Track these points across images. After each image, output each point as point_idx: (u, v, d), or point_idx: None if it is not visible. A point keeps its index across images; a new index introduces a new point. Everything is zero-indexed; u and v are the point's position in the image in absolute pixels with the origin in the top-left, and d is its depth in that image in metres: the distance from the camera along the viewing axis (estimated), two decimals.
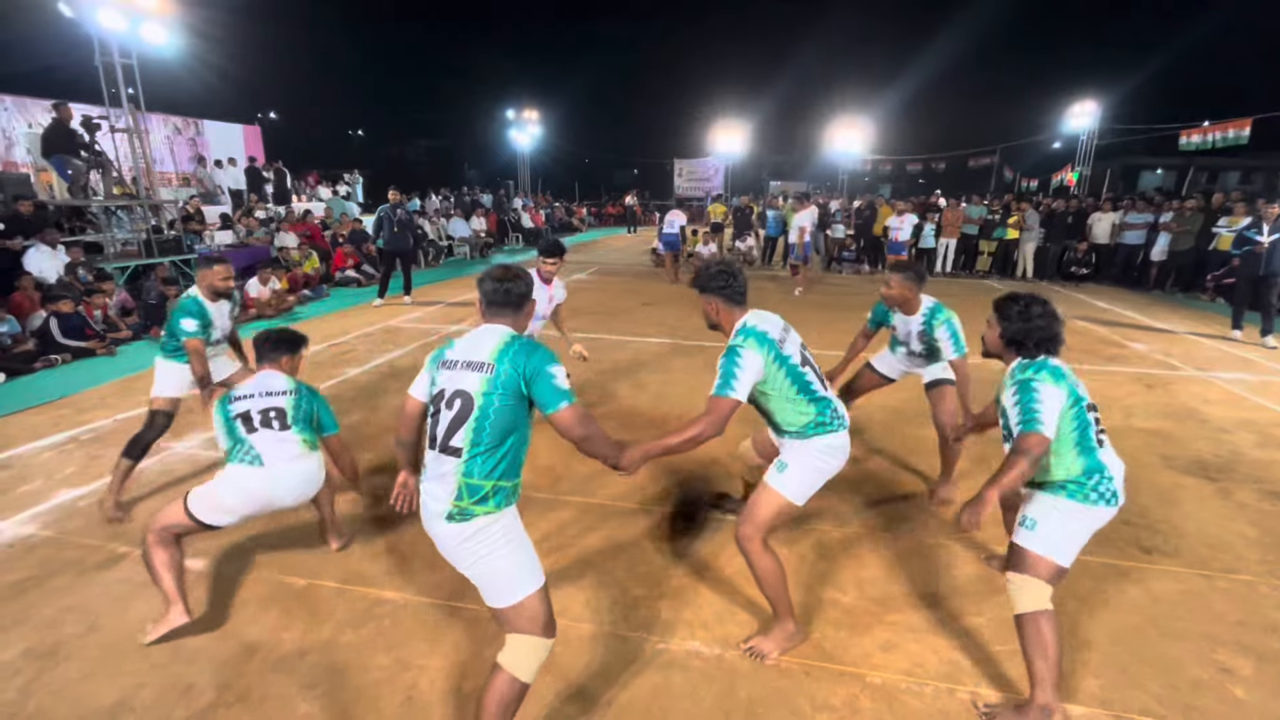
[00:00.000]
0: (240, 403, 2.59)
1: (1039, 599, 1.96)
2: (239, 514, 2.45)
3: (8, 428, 4.40)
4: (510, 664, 1.73)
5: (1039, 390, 1.99)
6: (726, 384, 2.07)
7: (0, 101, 11.25)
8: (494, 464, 1.74)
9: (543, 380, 1.74)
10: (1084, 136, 17.98)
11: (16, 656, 2.26)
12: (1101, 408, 4.81)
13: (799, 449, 2.26)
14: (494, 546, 1.74)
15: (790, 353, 2.19)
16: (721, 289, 2.24)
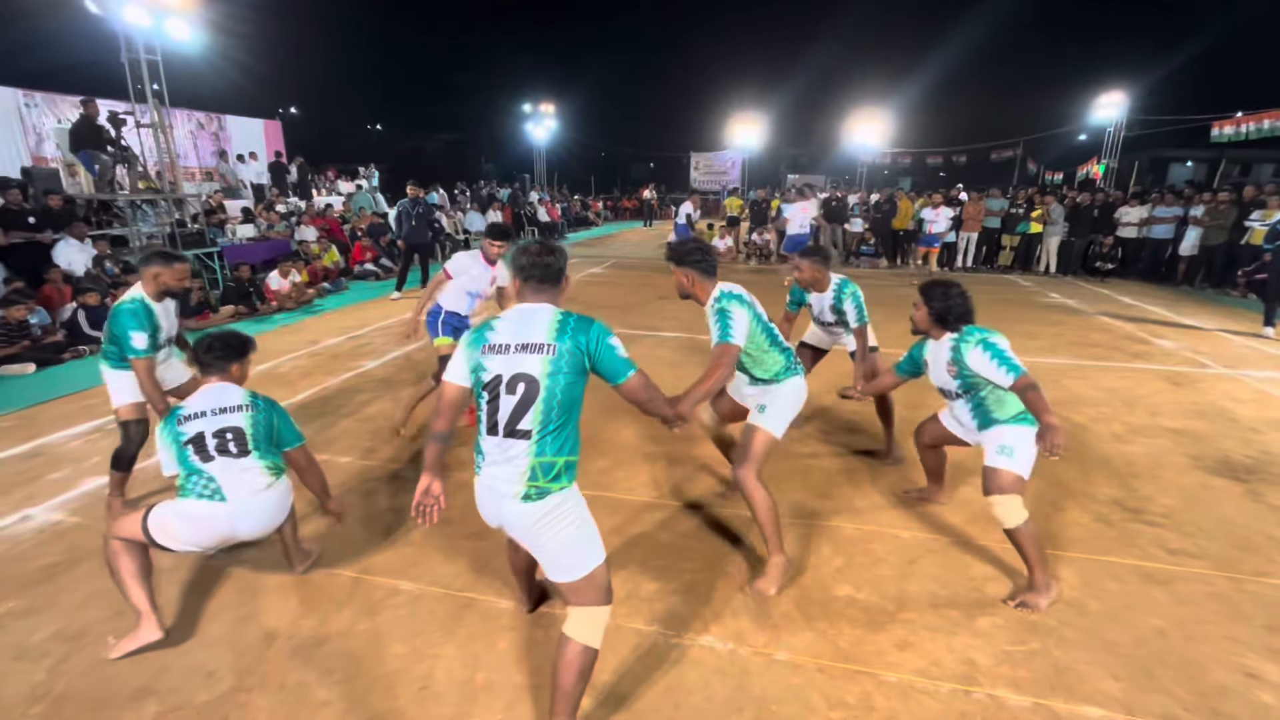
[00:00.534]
0: (191, 423, 2.32)
1: (1020, 512, 2.48)
2: (195, 546, 2.29)
3: (39, 416, 4.51)
4: (581, 635, 1.80)
5: (999, 343, 2.50)
6: (727, 332, 2.45)
7: (30, 98, 11.50)
8: (563, 440, 1.80)
9: (607, 352, 1.82)
10: (1111, 128, 17.57)
11: (46, 639, 2.32)
12: (1126, 405, 4.73)
13: (774, 393, 2.68)
14: (568, 521, 1.81)
15: (761, 312, 2.62)
16: (697, 262, 2.58)
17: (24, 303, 5.99)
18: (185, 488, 2.27)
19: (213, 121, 15.25)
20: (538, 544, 1.82)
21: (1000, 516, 2.49)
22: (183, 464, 2.30)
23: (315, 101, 35.24)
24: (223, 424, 2.33)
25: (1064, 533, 3.05)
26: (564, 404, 1.78)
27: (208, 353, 2.47)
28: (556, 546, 1.80)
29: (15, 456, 3.87)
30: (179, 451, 2.30)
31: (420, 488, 1.91)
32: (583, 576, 1.81)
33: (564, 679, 1.78)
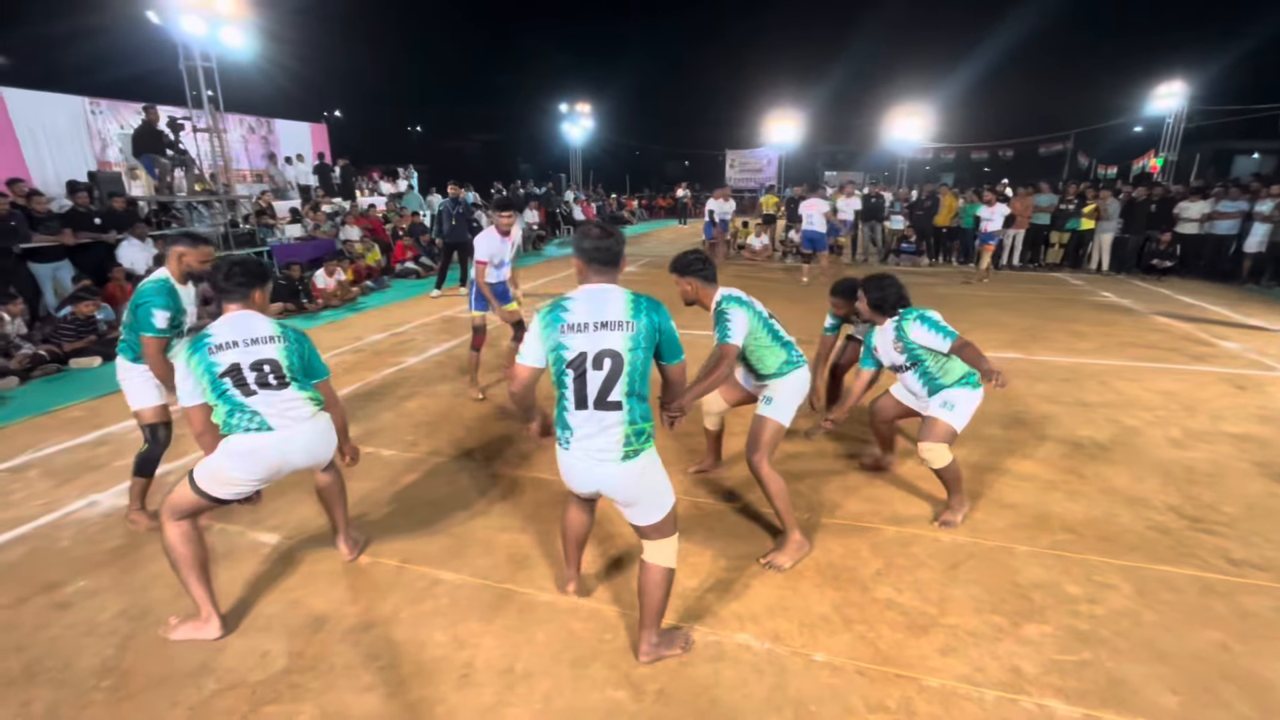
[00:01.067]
0: (224, 353, 2.23)
1: (947, 456, 2.95)
2: (250, 483, 2.30)
3: (105, 407, 4.76)
4: (662, 559, 2.11)
5: (934, 316, 2.94)
6: (726, 333, 2.65)
7: (96, 105, 12.10)
8: (644, 406, 2.01)
9: (671, 335, 2.04)
10: (1170, 119, 16.77)
11: (113, 617, 2.45)
12: (1186, 409, 4.53)
13: (779, 385, 2.81)
14: (657, 471, 2.09)
15: (761, 310, 2.81)
16: (699, 271, 2.82)
17: (91, 299, 6.32)
18: (229, 424, 2.24)
19: (263, 125, 15.78)
20: (637, 496, 2.06)
21: (930, 459, 2.95)
22: (223, 400, 2.24)
23: (358, 104, 36.23)
24: (258, 355, 2.27)
25: (1118, 539, 2.94)
26: (642, 375, 1.99)
27: (228, 279, 2.34)
28: (650, 494, 2.07)
29: (84, 444, 4.09)
30: (214, 383, 2.22)
31: (532, 430, 2.26)
32: (664, 516, 2.09)
33: (651, 597, 2.12)
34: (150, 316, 2.77)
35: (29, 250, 6.85)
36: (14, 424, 4.45)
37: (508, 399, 4.82)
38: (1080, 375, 5.34)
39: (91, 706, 2.05)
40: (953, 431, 2.95)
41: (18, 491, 3.47)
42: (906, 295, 3.07)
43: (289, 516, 3.17)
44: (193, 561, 2.27)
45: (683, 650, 2.24)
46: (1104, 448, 3.93)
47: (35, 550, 2.91)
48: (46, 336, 6.04)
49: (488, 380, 5.25)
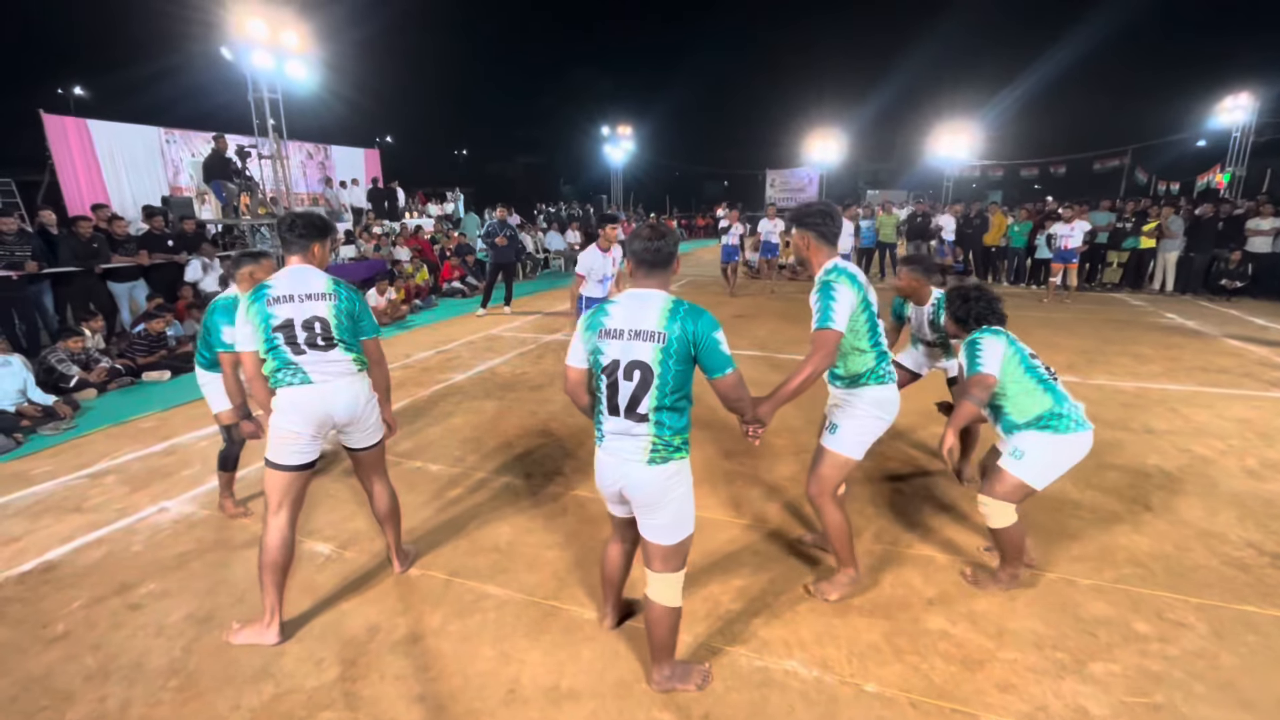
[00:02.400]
0: (280, 306, 2.35)
1: (1011, 516, 2.51)
2: (302, 436, 2.37)
3: (174, 419, 5.02)
4: (665, 599, 2.03)
5: (981, 343, 2.54)
6: (827, 317, 2.23)
7: (170, 135, 12.95)
8: (678, 419, 1.94)
9: (710, 345, 1.88)
10: (1237, 133, 16.01)
11: (181, 619, 2.57)
12: (1262, 438, 4.28)
13: (850, 403, 2.47)
14: (684, 487, 2.00)
15: (872, 299, 2.39)
16: (817, 225, 2.41)
17: (163, 316, 6.71)
18: (276, 378, 2.40)
19: (320, 151, 16.57)
20: (658, 505, 1.97)
21: (986, 515, 2.56)
22: (274, 355, 2.37)
23: (407, 129, 37.72)
24: (310, 313, 2.37)
25: (1191, 576, 2.77)
26: (677, 389, 1.90)
27: (290, 230, 2.45)
28: (672, 509, 1.97)
29: (154, 454, 4.32)
30: (268, 336, 2.35)
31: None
32: (679, 541, 2.01)
33: (657, 634, 2.08)
34: (219, 332, 2.99)
35: (108, 270, 7.33)
36: (93, 433, 4.73)
37: (558, 412, 4.89)
38: (1145, 400, 5.09)
39: (160, 705, 2.14)
40: (1022, 487, 2.48)
41: (96, 496, 3.68)
42: (997, 312, 2.69)
43: (342, 529, 3.27)
44: (276, 566, 2.38)
45: (698, 687, 2.16)
46: (1173, 478, 3.73)
47: (111, 553, 3.08)
48: (122, 351, 6.43)
49: (547, 396, 5.34)
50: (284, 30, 9.37)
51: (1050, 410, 2.47)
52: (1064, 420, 2.45)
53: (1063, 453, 2.48)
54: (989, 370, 2.47)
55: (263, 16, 9.00)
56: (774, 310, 9.64)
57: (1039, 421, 2.48)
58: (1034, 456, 2.46)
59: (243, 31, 8.88)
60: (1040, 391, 2.50)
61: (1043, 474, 2.49)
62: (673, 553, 2.01)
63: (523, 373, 6.19)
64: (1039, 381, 2.52)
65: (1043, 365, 2.58)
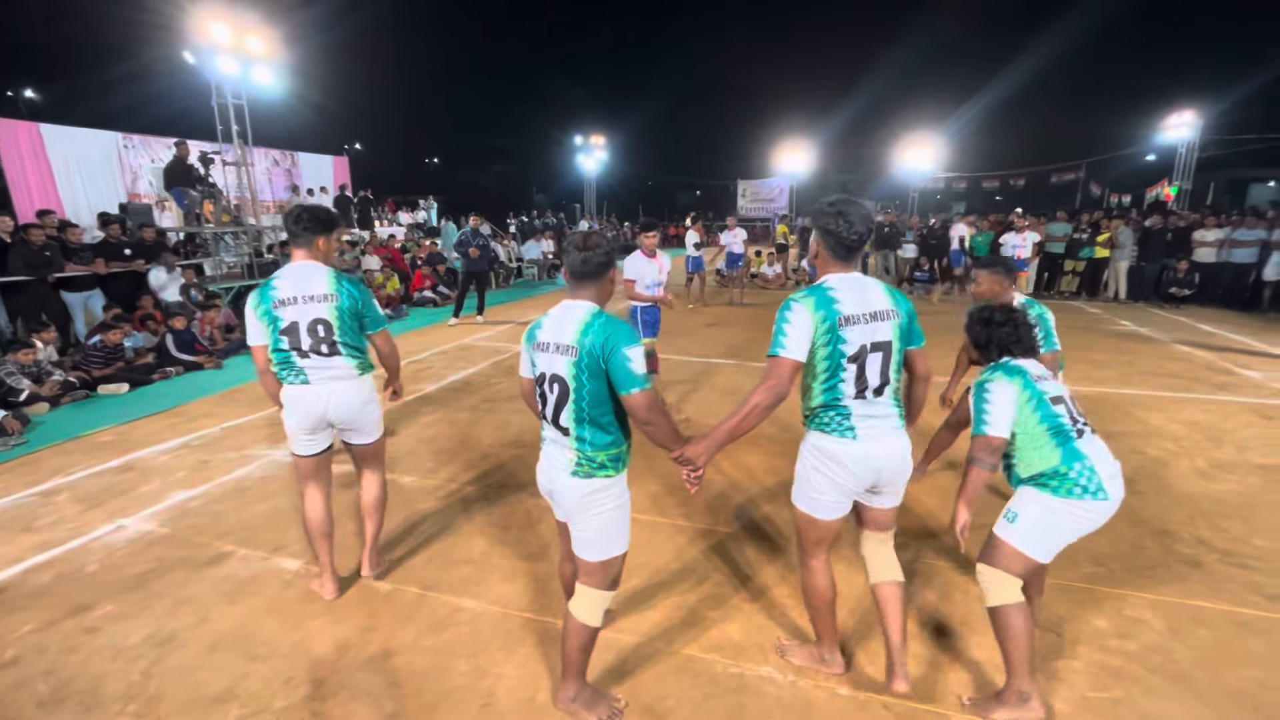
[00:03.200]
0: (285, 309, 2.45)
1: (1010, 593, 2.02)
2: (305, 430, 2.56)
3: (132, 433, 4.85)
4: (582, 615, 2.00)
5: (989, 391, 2.08)
6: (777, 342, 1.91)
7: (129, 140, 12.57)
8: (602, 436, 1.89)
9: (617, 361, 1.80)
10: (1183, 148, 16.80)
11: (140, 641, 2.48)
12: (1211, 440, 4.45)
13: (805, 447, 2.05)
14: (609, 506, 1.93)
15: (849, 336, 1.89)
16: (825, 230, 1.95)
17: (120, 327, 6.49)
18: (281, 375, 2.55)
19: (287, 158, 16.26)
20: (579, 519, 1.95)
21: (982, 586, 2.08)
22: (277, 353, 2.51)
23: (378, 137, 37.28)
24: (313, 315, 2.48)
25: (1147, 573, 2.88)
26: (595, 404, 1.85)
27: (296, 223, 2.53)
28: (593, 525, 1.94)
29: (111, 470, 4.17)
30: (275, 338, 2.49)
31: None
32: (604, 560, 1.98)
33: (569, 648, 2.03)
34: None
35: (62, 279, 7.07)
36: (44, 449, 4.55)
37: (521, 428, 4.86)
38: (1101, 405, 5.28)
39: None
40: (1019, 557, 2.01)
41: (47, 516, 3.53)
42: (1024, 340, 2.16)
43: None
44: (321, 533, 2.67)
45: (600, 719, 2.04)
46: (1129, 479, 3.81)
47: (63, 574, 2.95)
48: (76, 363, 6.19)
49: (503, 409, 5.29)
50: (249, 35, 9.21)
51: (1053, 469, 2.00)
52: (1065, 482, 1.97)
53: (1062, 519, 1.99)
54: (996, 433, 2.03)
55: (226, 21, 8.83)
56: (748, 318, 9.74)
57: (1039, 479, 2.03)
58: (1028, 520, 2.02)
59: (205, 36, 8.70)
60: (1050, 446, 2.01)
61: (1042, 542, 2.01)
62: (596, 569, 1.98)
63: (496, 383, 6.14)
64: (1053, 433, 2.02)
65: (1069, 413, 2.06)
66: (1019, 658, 2.01)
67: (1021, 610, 2.01)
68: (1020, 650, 2.00)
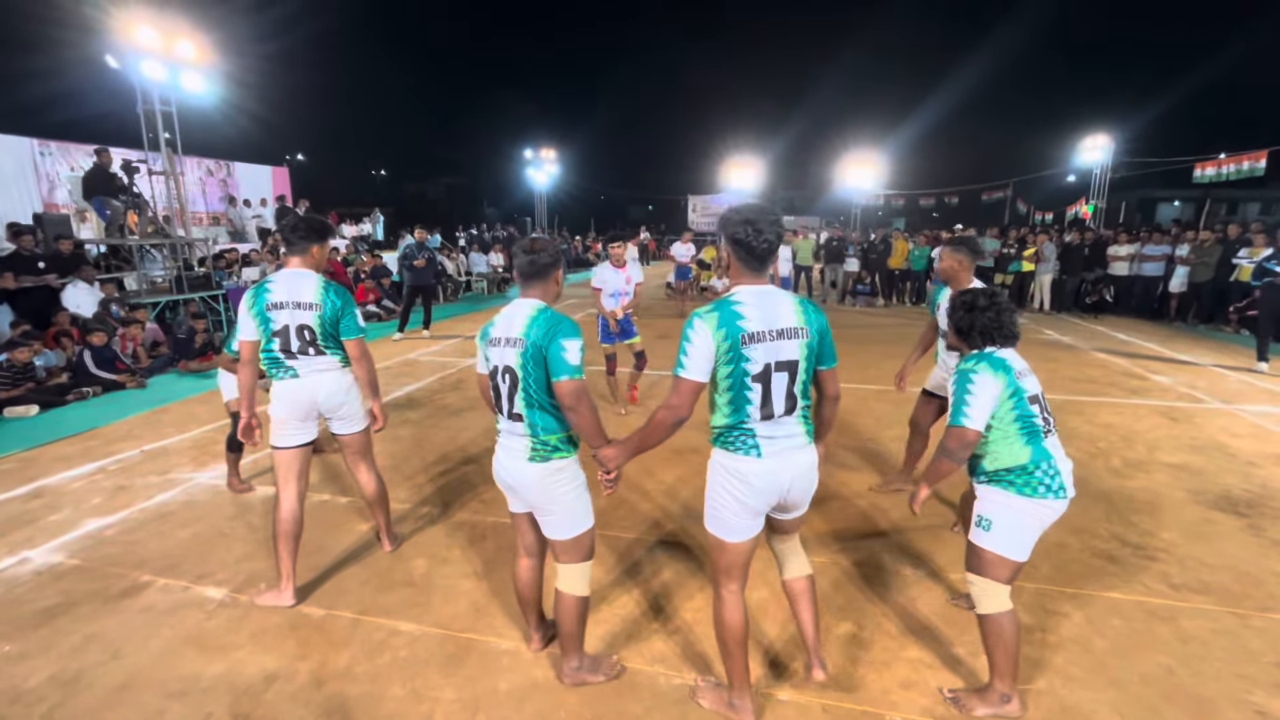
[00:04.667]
0: (277, 313, 2.67)
1: (1000, 601, 2.08)
2: (292, 420, 2.73)
3: (40, 458, 4.52)
4: (572, 589, 2.15)
5: (973, 383, 2.06)
6: (679, 362, 1.85)
7: (45, 146, 11.83)
8: (550, 420, 2.04)
9: (554, 349, 1.96)
10: (1098, 170, 18.03)
11: (42, 683, 2.29)
12: (1124, 440, 4.74)
13: (717, 464, 1.97)
14: (568, 485, 2.09)
15: (752, 355, 1.81)
16: (734, 240, 1.86)
17: (29, 345, 6.06)
18: (271, 372, 2.75)
19: (221, 168, 15.62)
20: (543, 501, 2.09)
21: (975, 599, 2.13)
22: (267, 353, 2.71)
23: (321, 148, 36.26)
24: (301, 321, 2.69)
25: (1067, 568, 3.04)
26: (540, 390, 2.01)
27: (293, 232, 2.76)
28: (558, 506, 2.09)
29: (15, 499, 3.86)
30: (267, 340, 2.69)
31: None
32: (577, 535, 2.13)
33: (565, 625, 2.17)
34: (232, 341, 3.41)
35: None
36: None
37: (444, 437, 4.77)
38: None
39: None
40: (1003, 562, 2.06)
41: None
42: (1006, 327, 2.15)
43: (237, 571, 3.04)
44: (289, 535, 2.70)
45: (608, 677, 2.27)
46: None
47: None
48: None
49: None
50: (179, 40, 8.83)
51: (1021, 466, 2.06)
52: (1031, 481, 2.04)
53: (1028, 517, 2.06)
54: (974, 425, 2.04)
55: (153, 25, 8.45)
56: None
57: (1005, 475, 2.08)
58: (1001, 525, 2.07)
59: (129, 39, 8.29)
60: (1021, 443, 2.06)
61: (1019, 542, 2.07)
62: (572, 545, 2.14)
63: (441, 397, 6.01)
64: (1025, 432, 2.06)
65: (1041, 412, 2.10)
66: (1005, 662, 2.08)
67: (1011, 617, 2.07)
68: (1007, 655, 2.07)
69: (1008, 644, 2.07)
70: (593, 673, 2.26)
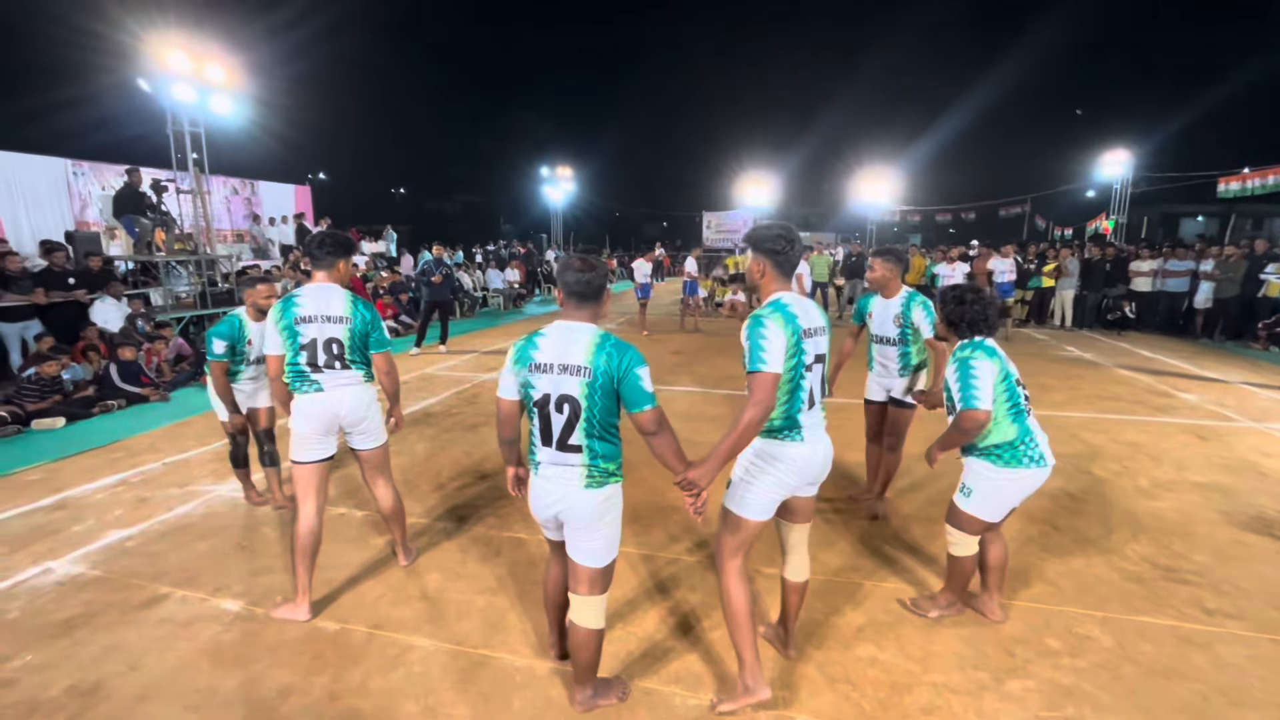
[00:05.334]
0: (306, 326, 2.70)
1: (969, 548, 2.59)
2: (313, 435, 2.74)
3: (65, 470, 4.60)
4: (592, 621, 2.08)
5: (975, 367, 2.39)
6: (757, 358, 1.96)
7: (79, 167, 12.20)
8: (609, 447, 1.99)
9: (632, 380, 1.91)
10: (1118, 185, 17.83)
11: (61, 693, 2.31)
12: (1152, 460, 4.64)
13: (752, 453, 2.12)
14: (615, 510, 2.05)
15: (808, 349, 2.05)
16: (774, 252, 2.08)
17: (57, 359, 6.20)
18: (295, 386, 2.76)
19: (246, 187, 15.98)
20: (593, 527, 2.01)
21: (949, 542, 2.65)
22: (293, 366, 2.73)
23: (343, 167, 37.04)
24: (329, 334, 2.73)
25: (1094, 590, 2.95)
26: (605, 420, 1.95)
27: (319, 248, 2.81)
28: (605, 532, 2.03)
29: (40, 509, 3.93)
30: (294, 353, 2.71)
31: (509, 475, 2.24)
32: (607, 565, 2.07)
33: (582, 657, 2.11)
34: (210, 344, 3.52)
35: None
36: None
37: (487, 455, 4.78)
38: (1049, 427, 5.39)
39: None
40: (974, 521, 2.54)
41: None
42: (991, 319, 2.51)
43: (254, 583, 3.06)
44: (306, 550, 2.71)
45: (619, 699, 2.24)
46: (1076, 499, 4.00)
47: None
48: (9, 397, 5.87)
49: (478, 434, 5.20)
50: (209, 63, 9.11)
51: (1009, 441, 2.43)
52: (1016, 454, 2.43)
53: (1009, 486, 2.47)
54: (983, 406, 2.36)
55: (184, 49, 8.72)
56: (714, 346, 9.83)
57: (994, 450, 2.46)
58: (979, 493, 2.51)
59: (163, 64, 8.57)
60: (1009, 421, 2.43)
61: (993, 508, 2.51)
62: (600, 576, 2.07)
63: (457, 412, 6.04)
64: (1012, 410, 2.43)
65: (1023, 393, 2.48)
66: (959, 584, 2.67)
67: (972, 560, 2.61)
68: (962, 579, 2.66)
69: (965, 574, 2.65)
70: (604, 696, 2.24)
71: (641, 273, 11.52)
